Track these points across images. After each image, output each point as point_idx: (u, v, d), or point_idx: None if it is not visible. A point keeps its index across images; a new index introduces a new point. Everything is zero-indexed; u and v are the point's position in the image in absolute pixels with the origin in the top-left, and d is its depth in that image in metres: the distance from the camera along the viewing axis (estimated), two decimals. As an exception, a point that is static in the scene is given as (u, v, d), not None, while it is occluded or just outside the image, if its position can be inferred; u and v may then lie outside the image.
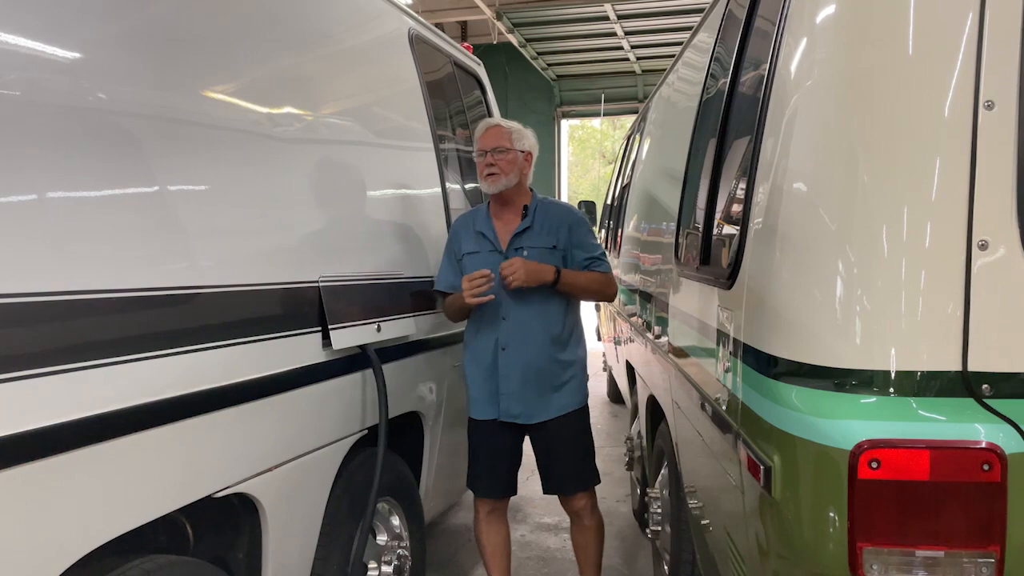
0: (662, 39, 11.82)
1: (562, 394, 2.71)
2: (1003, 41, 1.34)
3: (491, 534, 2.86)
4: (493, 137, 2.70)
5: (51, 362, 1.36)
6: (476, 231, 2.76)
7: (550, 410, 2.70)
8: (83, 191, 1.49)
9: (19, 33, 1.42)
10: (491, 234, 2.73)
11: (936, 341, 1.34)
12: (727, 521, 1.84)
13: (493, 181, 2.67)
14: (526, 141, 2.75)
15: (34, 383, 1.32)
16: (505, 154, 2.67)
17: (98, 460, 1.45)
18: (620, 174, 5.54)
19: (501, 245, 2.71)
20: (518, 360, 2.66)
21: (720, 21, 2.44)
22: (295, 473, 2.08)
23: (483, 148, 2.69)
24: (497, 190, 2.68)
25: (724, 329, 1.82)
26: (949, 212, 1.34)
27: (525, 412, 2.69)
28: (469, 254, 2.75)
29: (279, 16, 2.26)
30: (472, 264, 2.71)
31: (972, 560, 1.28)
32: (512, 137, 2.70)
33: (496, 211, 2.78)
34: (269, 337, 1.95)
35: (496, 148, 2.67)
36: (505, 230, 2.73)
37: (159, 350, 1.60)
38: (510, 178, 2.68)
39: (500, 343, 2.68)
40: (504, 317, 2.67)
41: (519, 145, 2.71)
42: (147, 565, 1.57)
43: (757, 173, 1.64)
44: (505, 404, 2.69)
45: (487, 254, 2.72)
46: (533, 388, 2.67)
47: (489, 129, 2.74)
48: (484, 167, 2.68)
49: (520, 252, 2.68)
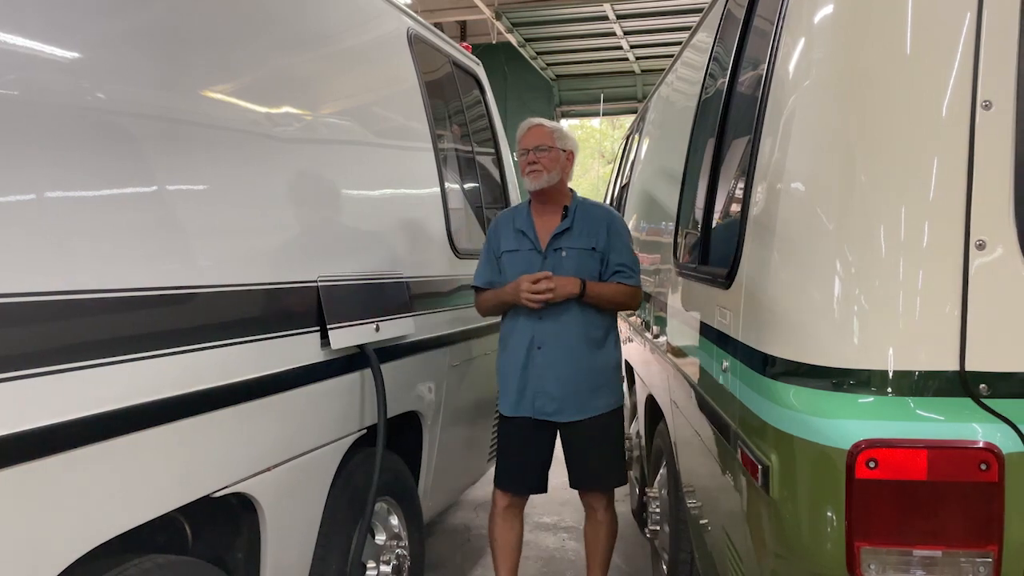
0: (661, 39, 11.82)
1: (597, 395, 2.73)
2: (1001, 41, 1.34)
3: (505, 530, 2.87)
4: (535, 136, 2.74)
5: (49, 361, 1.36)
6: (516, 229, 2.79)
7: (584, 410, 2.71)
8: (81, 191, 1.49)
9: (18, 32, 1.42)
10: (531, 233, 2.76)
11: (934, 341, 1.34)
12: (725, 521, 1.85)
13: (535, 178, 2.70)
14: (568, 141, 2.79)
15: (32, 383, 1.32)
16: (547, 152, 2.71)
17: (96, 460, 1.45)
18: (619, 174, 5.54)
19: (541, 244, 2.74)
20: (553, 360, 2.68)
21: (719, 21, 2.44)
22: (294, 473, 2.08)
23: (525, 147, 2.73)
24: (539, 187, 2.71)
25: (722, 329, 1.82)
26: (947, 212, 1.34)
27: (559, 410, 2.71)
28: (508, 252, 2.78)
29: (278, 16, 2.26)
30: (511, 263, 2.76)
31: (970, 560, 1.29)
32: (554, 136, 2.75)
33: (537, 209, 2.81)
34: (267, 337, 1.95)
35: (538, 146, 2.71)
36: (545, 229, 2.76)
37: (157, 350, 1.60)
38: (552, 175, 2.71)
39: (536, 342, 2.70)
40: (540, 317, 2.70)
41: (561, 144, 2.75)
42: (146, 565, 1.57)
43: (755, 173, 1.64)
44: (540, 403, 2.71)
45: (527, 253, 2.75)
46: (568, 388, 2.69)
47: (531, 128, 2.78)
48: (526, 164, 2.72)
49: (559, 253, 2.71)
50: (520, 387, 2.74)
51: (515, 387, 2.75)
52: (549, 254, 2.72)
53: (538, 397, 2.71)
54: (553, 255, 2.72)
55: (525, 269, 2.71)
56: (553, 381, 2.69)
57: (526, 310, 2.70)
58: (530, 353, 2.71)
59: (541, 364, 2.70)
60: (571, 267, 2.70)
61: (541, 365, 2.70)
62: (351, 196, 2.53)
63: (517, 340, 2.75)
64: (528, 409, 2.74)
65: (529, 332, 2.71)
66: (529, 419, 2.74)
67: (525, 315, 2.72)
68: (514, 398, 2.76)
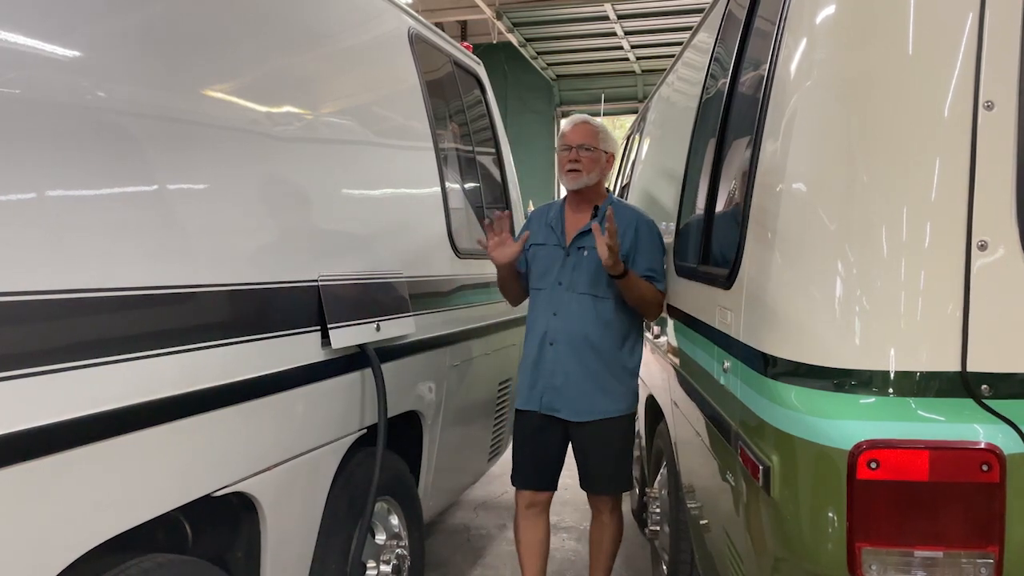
0: (662, 39, 11.81)
1: (608, 398, 2.69)
2: (1003, 41, 1.34)
3: (528, 530, 2.84)
4: (581, 133, 2.71)
5: (48, 361, 1.36)
6: (548, 223, 2.80)
7: (594, 412, 2.68)
8: (81, 189, 1.49)
9: (17, 31, 1.42)
10: (559, 229, 2.76)
11: (935, 341, 1.34)
12: (726, 521, 1.84)
13: (574, 178, 2.69)
14: (611, 143, 2.77)
15: (31, 382, 1.32)
16: (591, 152, 2.68)
17: (96, 459, 1.45)
18: (620, 173, 5.54)
19: (566, 241, 2.73)
20: (564, 357, 2.67)
21: (720, 21, 2.44)
22: (294, 472, 2.08)
23: (569, 143, 2.70)
24: (577, 187, 2.70)
25: (723, 329, 1.82)
26: (949, 212, 1.34)
27: (567, 409, 2.69)
28: (536, 245, 2.79)
29: (278, 15, 2.26)
30: (537, 256, 2.77)
31: (971, 560, 1.28)
32: (599, 136, 2.72)
33: (571, 206, 2.80)
34: (268, 336, 1.95)
35: (582, 145, 2.68)
36: (573, 227, 2.75)
37: (157, 349, 1.60)
38: (591, 176, 2.70)
39: (548, 338, 2.70)
40: (555, 313, 2.69)
41: (604, 146, 2.73)
42: (146, 564, 1.57)
43: (756, 173, 1.64)
44: (548, 398, 2.70)
45: (551, 248, 2.76)
46: (578, 387, 2.67)
47: (577, 125, 2.75)
48: (567, 161, 2.69)
49: (581, 252, 2.70)
50: (532, 381, 2.74)
51: (527, 381, 2.76)
52: (572, 251, 2.71)
53: (546, 392, 2.71)
54: (576, 253, 2.70)
55: (547, 264, 2.73)
56: (561, 377, 2.68)
57: (543, 306, 2.72)
58: (542, 348, 2.71)
59: (552, 360, 2.69)
60: (591, 267, 2.65)
61: (552, 360, 2.69)
62: (352, 195, 2.53)
63: (534, 333, 2.76)
64: (536, 403, 2.73)
65: (543, 327, 2.71)
66: (538, 414, 2.74)
67: (542, 311, 2.73)
68: (526, 392, 2.77)
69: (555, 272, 2.71)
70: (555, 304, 2.69)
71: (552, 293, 2.71)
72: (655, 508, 2.98)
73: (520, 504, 2.84)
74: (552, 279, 2.71)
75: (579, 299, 2.67)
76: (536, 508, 2.84)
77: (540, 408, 2.73)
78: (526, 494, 2.82)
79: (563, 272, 2.70)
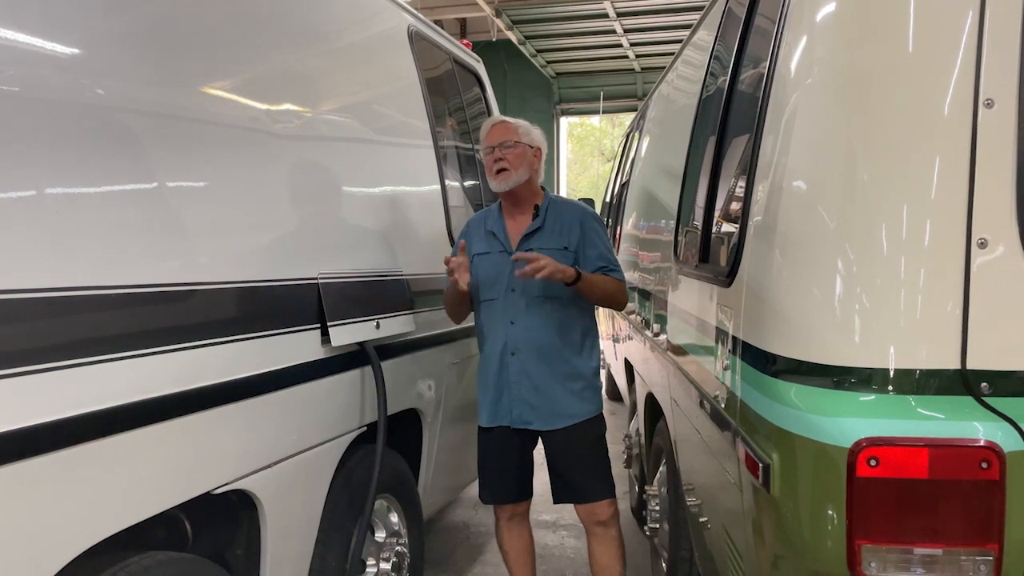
0: (661, 37, 11.80)
1: (576, 402, 2.60)
2: (1003, 39, 1.34)
3: (512, 539, 2.78)
4: (499, 132, 2.63)
5: (49, 359, 1.36)
6: (487, 231, 2.68)
7: (564, 418, 2.58)
8: (80, 187, 1.49)
9: (17, 29, 1.41)
10: (502, 234, 2.64)
11: (935, 339, 1.34)
12: (725, 519, 1.84)
13: (504, 178, 2.57)
14: (534, 135, 2.67)
15: (32, 380, 1.32)
16: (513, 148, 2.58)
17: (96, 457, 1.45)
18: (619, 172, 5.54)
19: (511, 245, 2.61)
20: (530, 366, 2.56)
21: (720, 19, 2.44)
22: (294, 470, 2.08)
23: (490, 144, 2.61)
24: (508, 187, 2.58)
25: (723, 327, 1.82)
26: (948, 210, 1.34)
27: (538, 418, 2.59)
28: (479, 255, 2.66)
29: (278, 13, 2.26)
30: (482, 265, 2.63)
31: (970, 558, 1.29)
32: (519, 131, 2.62)
33: (508, 210, 2.68)
34: (268, 334, 1.95)
35: (503, 143, 2.58)
36: (516, 230, 2.64)
37: (158, 346, 1.60)
38: (520, 173, 2.58)
39: (509, 348, 2.57)
40: (513, 322, 2.57)
41: (527, 139, 2.63)
42: (146, 562, 1.57)
43: (756, 171, 1.64)
44: (518, 411, 2.59)
45: (497, 255, 2.63)
46: (546, 395, 2.57)
47: (495, 126, 2.67)
48: (493, 163, 2.60)
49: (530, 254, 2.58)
50: (496, 396, 2.61)
51: (491, 396, 2.63)
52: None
53: (516, 405, 2.58)
54: None
55: (494, 273, 2.61)
56: (529, 388, 2.57)
57: (498, 316, 2.60)
58: (504, 360, 2.58)
59: (516, 371, 2.57)
60: None
61: (516, 372, 2.57)
62: (352, 193, 2.53)
63: (491, 346, 2.62)
64: (506, 418, 2.61)
65: (502, 338, 2.58)
66: (507, 428, 2.62)
67: (497, 321, 2.60)
68: (491, 408, 2.63)
69: (505, 279, 2.58)
70: (511, 313, 2.58)
71: (506, 301, 2.59)
72: (654, 506, 2.98)
73: (502, 517, 2.77)
74: (503, 287, 2.58)
75: (536, 303, 2.56)
76: (518, 518, 2.78)
77: (511, 423, 2.60)
78: (507, 507, 2.75)
79: (514, 278, 2.54)
